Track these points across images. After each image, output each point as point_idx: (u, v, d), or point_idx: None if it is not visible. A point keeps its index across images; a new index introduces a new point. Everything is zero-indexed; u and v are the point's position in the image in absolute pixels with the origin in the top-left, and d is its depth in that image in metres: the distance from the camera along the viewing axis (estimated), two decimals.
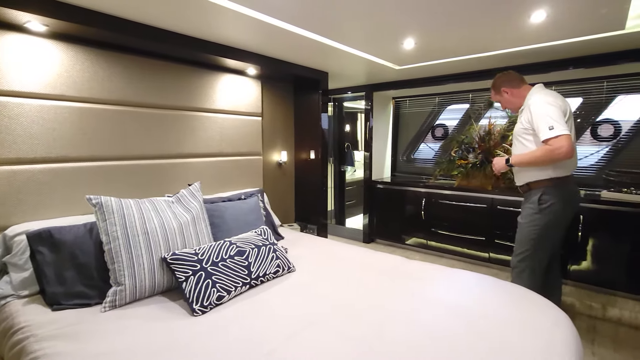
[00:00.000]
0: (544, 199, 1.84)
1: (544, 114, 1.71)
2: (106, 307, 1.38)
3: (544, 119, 1.70)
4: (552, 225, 1.85)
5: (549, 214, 1.83)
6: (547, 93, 1.84)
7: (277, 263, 1.70)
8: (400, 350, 1.08)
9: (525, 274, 1.91)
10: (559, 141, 1.64)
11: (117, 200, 1.51)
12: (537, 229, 1.86)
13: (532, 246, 1.88)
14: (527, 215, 1.90)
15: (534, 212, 1.86)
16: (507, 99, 2.00)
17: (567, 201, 1.84)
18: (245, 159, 2.70)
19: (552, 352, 1.07)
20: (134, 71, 2.00)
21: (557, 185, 1.82)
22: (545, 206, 1.83)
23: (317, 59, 2.54)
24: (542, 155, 1.72)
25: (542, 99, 1.78)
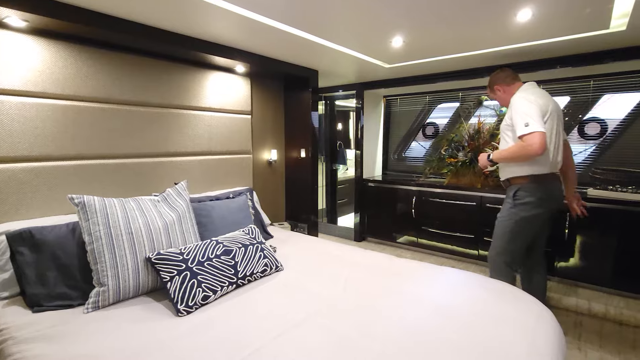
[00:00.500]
0: (520, 194, 1.89)
1: (522, 111, 1.77)
2: (89, 308, 1.36)
3: (521, 115, 1.76)
4: (526, 221, 1.89)
5: (524, 209, 1.88)
6: (531, 92, 1.89)
7: (265, 262, 1.69)
8: (386, 348, 1.08)
9: (501, 267, 1.96)
10: (531, 137, 1.69)
11: (100, 199, 1.49)
12: (511, 223, 1.91)
13: (507, 240, 1.94)
14: (504, 210, 1.96)
15: (510, 206, 1.92)
16: (500, 96, 2.08)
17: (544, 198, 1.86)
18: (235, 158, 2.68)
19: (535, 348, 1.08)
20: (119, 68, 1.97)
21: (534, 182, 1.85)
22: (521, 202, 1.88)
23: (306, 56, 2.52)
24: (516, 150, 1.78)
25: (524, 97, 1.83)
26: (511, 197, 1.92)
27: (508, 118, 1.90)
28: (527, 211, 1.87)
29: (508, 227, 1.93)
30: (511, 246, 1.94)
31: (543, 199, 1.87)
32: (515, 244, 1.93)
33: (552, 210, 1.94)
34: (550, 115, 1.83)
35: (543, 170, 1.86)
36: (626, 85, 2.68)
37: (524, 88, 1.96)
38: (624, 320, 2.11)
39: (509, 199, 1.94)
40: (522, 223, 1.89)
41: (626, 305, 2.21)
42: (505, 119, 1.94)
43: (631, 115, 2.68)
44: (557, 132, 1.90)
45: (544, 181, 1.87)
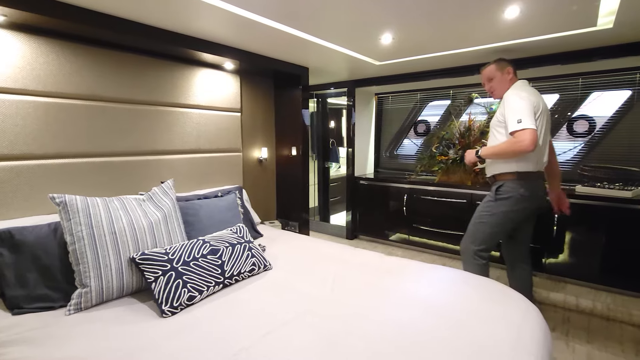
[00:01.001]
0: (502, 190, 1.91)
1: (516, 107, 1.78)
2: (71, 310, 1.33)
3: (514, 112, 1.77)
4: (504, 216, 1.91)
5: (504, 204, 1.90)
6: (524, 89, 1.90)
7: (253, 261, 1.67)
8: (373, 347, 1.07)
9: (473, 258, 1.98)
10: (523, 134, 1.70)
11: (82, 198, 1.45)
12: (488, 216, 1.94)
13: (482, 232, 1.96)
14: (484, 203, 1.99)
15: (490, 200, 1.96)
16: (493, 85, 2.05)
17: (526, 196, 1.88)
18: (224, 156, 2.65)
19: (520, 345, 1.08)
20: (104, 65, 1.93)
21: (519, 179, 1.88)
22: (502, 197, 1.90)
23: (296, 53, 2.50)
24: (506, 147, 1.79)
25: (517, 94, 1.84)
26: (494, 192, 1.94)
27: (500, 114, 1.91)
28: (507, 206, 1.90)
29: (485, 219, 1.96)
30: (486, 239, 1.96)
31: (525, 196, 1.88)
32: (490, 237, 1.96)
33: (534, 208, 1.96)
34: (540, 114, 1.85)
35: (529, 168, 1.88)
36: (614, 82, 2.70)
37: (517, 85, 1.97)
38: (611, 316, 2.14)
39: (490, 193, 1.97)
40: (500, 217, 1.92)
41: (613, 301, 2.24)
42: (497, 116, 1.95)
43: (619, 113, 2.71)
44: (546, 131, 1.91)
45: (529, 179, 1.89)
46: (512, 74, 2.03)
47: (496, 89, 2.05)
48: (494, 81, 2.04)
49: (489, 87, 2.09)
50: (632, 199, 2.27)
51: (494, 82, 2.05)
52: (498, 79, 2.03)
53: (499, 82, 2.03)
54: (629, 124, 2.66)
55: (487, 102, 3.28)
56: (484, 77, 2.11)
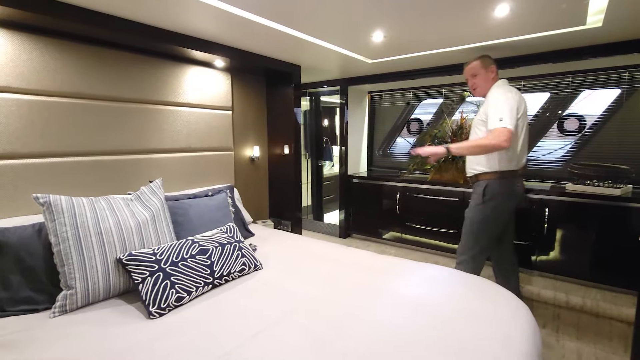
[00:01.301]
0: (488, 191, 1.93)
1: (500, 106, 1.81)
2: (55, 312, 1.30)
3: (497, 110, 1.80)
4: (493, 217, 1.95)
5: (491, 205, 1.93)
6: (508, 89, 1.92)
7: (243, 261, 1.65)
8: (362, 348, 1.06)
9: (468, 263, 1.99)
10: (501, 131, 1.74)
11: (67, 198, 1.42)
12: (480, 219, 1.96)
13: (476, 236, 1.98)
14: (473, 207, 2.00)
15: (478, 203, 1.96)
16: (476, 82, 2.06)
17: (511, 194, 1.93)
18: (215, 155, 2.62)
19: (510, 344, 1.08)
20: (90, 62, 1.89)
21: (501, 178, 1.91)
22: (488, 198, 1.93)
23: (288, 51, 2.48)
24: (481, 142, 1.80)
25: (502, 93, 1.88)
26: (480, 194, 1.95)
27: (483, 113, 1.93)
28: (494, 207, 1.93)
29: (477, 223, 1.97)
30: (481, 242, 1.98)
31: (510, 194, 1.93)
32: (484, 239, 1.98)
33: (517, 205, 2.00)
34: (522, 114, 1.88)
35: (511, 167, 1.92)
36: (604, 81, 2.73)
37: (500, 84, 2.00)
38: (601, 312, 2.16)
39: (477, 195, 1.97)
40: (490, 219, 1.95)
41: (602, 298, 2.26)
42: (480, 114, 1.97)
43: (608, 111, 2.73)
44: (525, 132, 1.95)
45: (511, 177, 1.93)
46: (495, 73, 2.04)
47: (479, 86, 2.06)
48: (477, 78, 2.05)
49: (472, 84, 2.09)
50: (621, 196, 2.29)
51: (477, 79, 2.05)
52: (482, 77, 2.04)
53: (483, 79, 2.04)
54: (619, 123, 2.68)
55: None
56: (467, 73, 2.11)
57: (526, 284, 2.46)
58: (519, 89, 3.11)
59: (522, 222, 2.66)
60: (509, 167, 1.91)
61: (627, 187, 2.39)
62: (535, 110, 3.06)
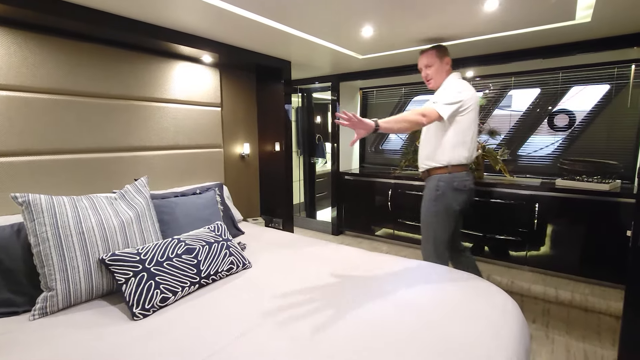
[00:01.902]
0: (441, 185, 1.95)
1: (446, 96, 1.85)
2: (35, 314, 1.26)
3: (441, 97, 1.85)
4: (446, 212, 1.96)
5: (446, 200, 1.95)
6: (462, 82, 1.96)
7: (231, 260, 1.63)
8: (350, 348, 1.05)
9: (436, 258, 2.00)
10: (429, 111, 1.77)
11: (47, 197, 1.38)
12: (438, 214, 1.97)
13: (436, 232, 2.00)
14: (428, 203, 2.01)
15: (431, 198, 1.98)
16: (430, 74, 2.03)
17: (458, 189, 1.95)
18: (204, 152, 2.58)
19: (497, 341, 1.08)
20: (73, 57, 1.84)
21: (452, 172, 1.94)
22: (441, 193, 1.95)
23: (277, 46, 2.44)
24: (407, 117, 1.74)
25: (456, 86, 1.91)
26: (433, 189, 1.96)
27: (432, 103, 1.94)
28: (447, 202, 1.95)
29: (435, 218, 1.98)
30: (442, 236, 2.00)
31: (461, 188, 1.95)
32: (445, 233, 2.00)
33: (468, 200, 2.01)
34: (472, 108, 1.91)
35: (462, 161, 1.94)
36: (593, 77, 2.74)
37: (455, 77, 2.01)
38: (589, 307, 2.17)
39: (430, 191, 1.99)
40: (447, 213, 1.96)
41: (591, 292, 2.27)
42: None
43: (597, 107, 2.75)
44: (476, 124, 1.97)
45: (462, 172, 1.95)
46: (450, 65, 2.03)
47: (433, 78, 2.02)
48: (432, 69, 2.01)
49: (426, 75, 2.04)
50: (609, 191, 2.31)
51: (431, 70, 2.01)
52: (436, 68, 2.00)
53: (437, 71, 2.00)
54: (608, 118, 2.70)
55: None
56: (422, 62, 2.04)
57: (516, 280, 2.47)
58: (510, 85, 3.11)
59: (513, 218, 2.67)
60: (461, 162, 1.93)
61: (615, 182, 2.41)
62: (526, 107, 3.07)
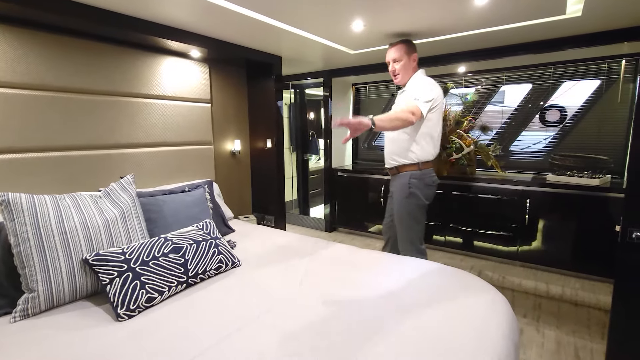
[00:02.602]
0: (412, 182, 2.00)
1: (421, 92, 1.90)
2: (16, 317, 1.23)
3: (417, 92, 1.90)
4: (419, 207, 2.03)
5: (418, 196, 2.01)
6: (431, 80, 2.02)
7: (220, 258, 1.60)
8: (338, 346, 1.03)
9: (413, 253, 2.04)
10: (415, 108, 1.84)
11: (28, 196, 1.34)
12: (411, 211, 2.02)
13: (412, 228, 2.06)
14: (399, 200, 2.05)
15: (405, 196, 2.02)
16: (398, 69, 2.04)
17: (428, 184, 2.03)
18: (194, 149, 2.54)
19: (486, 338, 1.07)
20: (55, 51, 1.78)
21: (422, 169, 2.00)
22: (412, 190, 2.00)
23: (267, 41, 2.40)
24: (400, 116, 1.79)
25: (427, 83, 1.97)
26: (406, 187, 2.00)
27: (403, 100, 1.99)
28: (420, 197, 2.01)
29: (410, 215, 2.03)
30: (418, 232, 2.07)
31: (428, 185, 2.02)
32: (420, 228, 2.07)
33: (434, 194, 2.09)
34: (440, 105, 1.98)
35: (429, 158, 2.00)
36: (584, 72, 2.74)
37: (423, 74, 2.05)
38: (579, 301, 2.19)
39: (403, 188, 2.02)
40: (420, 208, 2.03)
41: (581, 287, 2.29)
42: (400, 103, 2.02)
43: (588, 102, 2.76)
44: (441, 122, 2.03)
45: (428, 169, 2.03)
46: (416, 62, 2.06)
47: (400, 73, 2.04)
48: (400, 64, 2.02)
49: (393, 69, 2.05)
50: (599, 186, 2.32)
51: (400, 64, 2.02)
52: (404, 63, 2.01)
53: (404, 66, 2.02)
54: (598, 113, 2.71)
55: (462, 92, 3.28)
56: (390, 55, 2.05)
57: (508, 275, 2.48)
58: (502, 80, 3.11)
59: (504, 214, 2.68)
60: (428, 158, 1.99)
61: (605, 177, 2.42)
62: (518, 102, 3.07)
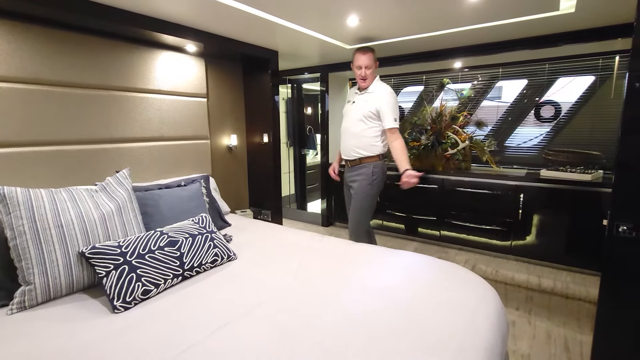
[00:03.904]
0: (375, 171, 2.26)
1: (393, 106, 2.18)
2: (13, 309, 1.24)
3: (391, 110, 2.17)
4: (376, 193, 2.31)
5: (377, 185, 2.28)
6: (390, 89, 2.25)
7: (215, 252, 1.62)
8: (329, 341, 1.05)
9: (363, 235, 2.32)
10: (398, 132, 2.20)
11: (24, 190, 1.35)
12: (370, 198, 2.29)
13: (366, 213, 2.31)
14: (363, 188, 2.27)
15: (368, 183, 2.26)
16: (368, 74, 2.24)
17: (385, 172, 2.34)
18: (191, 144, 2.55)
19: (475, 327, 1.09)
20: (49, 45, 1.78)
21: (380, 160, 2.30)
22: (375, 177, 2.26)
23: (263, 36, 2.40)
24: (402, 142, 2.21)
25: (391, 93, 2.22)
26: (370, 174, 2.25)
27: (373, 108, 2.20)
28: (377, 185, 2.29)
29: (368, 201, 2.29)
30: (369, 216, 2.35)
31: (385, 172, 2.35)
32: (371, 213, 2.35)
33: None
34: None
35: (384, 151, 2.30)
36: (578, 68, 2.76)
37: (380, 80, 2.28)
38: (570, 294, 2.23)
39: (366, 176, 2.26)
40: (375, 196, 2.32)
41: (572, 280, 2.33)
42: (370, 108, 2.21)
43: (582, 98, 2.77)
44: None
45: (382, 160, 2.32)
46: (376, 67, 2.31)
47: (368, 78, 2.25)
48: (369, 70, 2.23)
49: (365, 74, 2.23)
50: (591, 181, 2.35)
51: (369, 71, 2.23)
52: (372, 70, 2.25)
53: (372, 73, 2.26)
54: (592, 109, 2.73)
55: (458, 87, 3.29)
56: (363, 62, 2.21)
57: (501, 269, 2.52)
58: (497, 76, 3.12)
59: (498, 208, 2.71)
60: (384, 152, 2.30)
61: (597, 172, 2.45)
62: (513, 98, 3.09)
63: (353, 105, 2.32)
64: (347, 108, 2.38)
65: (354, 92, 2.37)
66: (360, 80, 2.26)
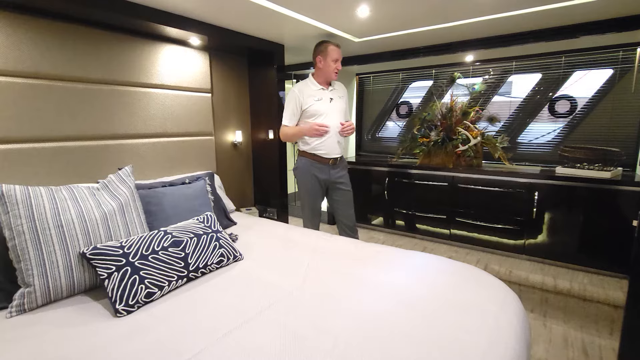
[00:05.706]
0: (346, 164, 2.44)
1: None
2: (13, 312, 1.20)
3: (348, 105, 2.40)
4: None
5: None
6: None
7: (221, 252, 1.56)
8: (341, 345, 0.99)
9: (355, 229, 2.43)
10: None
11: (23, 188, 1.30)
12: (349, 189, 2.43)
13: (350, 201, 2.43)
14: (349, 183, 2.39)
15: (349, 177, 2.42)
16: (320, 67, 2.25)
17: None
18: (195, 140, 2.49)
19: (498, 335, 1.03)
20: (49, 38, 1.72)
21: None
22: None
23: (269, 29, 2.33)
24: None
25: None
26: (346, 170, 2.41)
27: (344, 102, 2.33)
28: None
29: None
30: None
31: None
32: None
33: None
34: None
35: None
36: (596, 61, 2.65)
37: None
38: (587, 296, 2.15)
39: (345, 174, 2.39)
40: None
41: (590, 281, 2.24)
42: (341, 103, 2.31)
43: (600, 93, 2.67)
44: None
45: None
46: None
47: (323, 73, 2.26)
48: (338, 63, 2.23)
49: (339, 69, 2.24)
50: (610, 179, 2.25)
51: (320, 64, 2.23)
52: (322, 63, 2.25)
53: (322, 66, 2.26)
54: (610, 104, 2.62)
55: (469, 82, 3.19)
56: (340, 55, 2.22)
57: (515, 269, 2.44)
58: (510, 69, 3.02)
59: (511, 207, 2.62)
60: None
61: (617, 169, 2.36)
62: (527, 92, 2.99)
63: (332, 103, 2.25)
64: (324, 106, 2.22)
65: (318, 88, 2.24)
66: (334, 74, 2.23)
